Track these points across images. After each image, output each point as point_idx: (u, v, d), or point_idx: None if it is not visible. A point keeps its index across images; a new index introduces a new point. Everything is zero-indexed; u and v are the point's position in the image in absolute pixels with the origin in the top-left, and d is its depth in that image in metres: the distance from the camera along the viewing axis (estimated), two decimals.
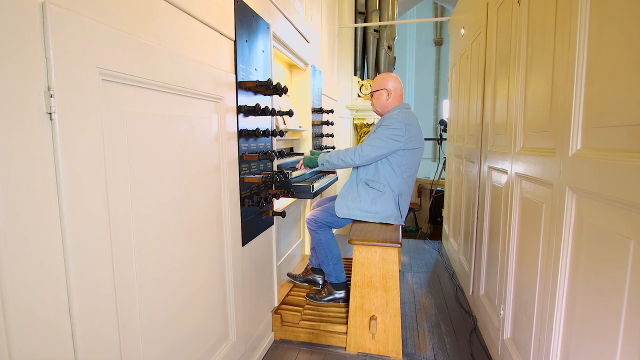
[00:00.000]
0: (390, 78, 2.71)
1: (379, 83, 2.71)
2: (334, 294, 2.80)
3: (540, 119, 1.68)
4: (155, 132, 1.30)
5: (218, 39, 1.74)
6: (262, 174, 2.14)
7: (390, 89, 2.67)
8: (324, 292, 2.84)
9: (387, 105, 2.69)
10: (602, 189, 1.15)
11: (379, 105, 2.72)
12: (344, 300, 2.78)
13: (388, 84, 2.68)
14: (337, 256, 2.76)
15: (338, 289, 2.80)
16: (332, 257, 2.74)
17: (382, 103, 2.70)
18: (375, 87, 2.73)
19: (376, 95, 2.72)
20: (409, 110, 2.64)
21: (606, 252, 1.14)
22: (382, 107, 2.72)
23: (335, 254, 2.74)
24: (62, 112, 0.91)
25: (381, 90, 2.69)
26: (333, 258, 2.74)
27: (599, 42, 1.22)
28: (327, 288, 2.83)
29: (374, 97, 2.74)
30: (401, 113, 2.54)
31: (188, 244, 1.54)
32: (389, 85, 2.68)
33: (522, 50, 1.92)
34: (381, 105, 2.71)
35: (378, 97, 2.72)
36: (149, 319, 1.29)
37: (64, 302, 0.95)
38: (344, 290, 2.80)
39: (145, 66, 1.21)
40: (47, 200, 0.90)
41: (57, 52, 0.89)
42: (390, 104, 2.69)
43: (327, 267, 2.76)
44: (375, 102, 2.75)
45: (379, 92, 2.70)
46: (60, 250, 0.94)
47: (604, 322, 1.14)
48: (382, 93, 2.69)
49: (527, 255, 1.80)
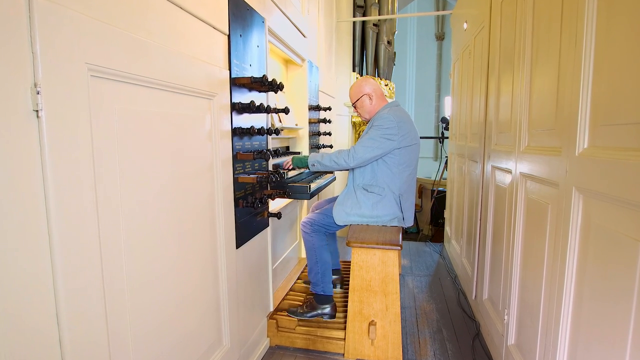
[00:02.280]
0: (365, 82, 2.72)
1: (357, 91, 2.72)
2: (317, 309, 2.68)
3: (545, 116, 1.69)
4: (146, 130, 1.30)
5: (211, 34, 1.74)
6: (257, 174, 2.14)
7: (370, 92, 2.68)
8: (306, 306, 2.72)
9: (373, 108, 2.71)
10: (610, 190, 1.15)
11: (366, 112, 2.73)
12: (330, 317, 2.67)
13: (365, 88, 2.69)
14: (327, 264, 2.69)
15: (322, 303, 2.69)
16: (322, 264, 2.68)
17: (367, 109, 2.72)
18: (355, 97, 2.73)
19: (359, 104, 2.73)
20: (398, 108, 2.66)
21: (614, 255, 1.14)
22: (369, 113, 2.73)
23: (325, 262, 2.69)
24: (50, 109, 0.90)
25: (362, 98, 2.70)
26: (322, 266, 2.68)
27: (607, 36, 1.23)
28: (311, 302, 2.72)
29: (358, 107, 2.75)
30: (391, 111, 2.55)
31: (180, 247, 1.53)
32: (367, 89, 2.69)
33: (527, 44, 1.92)
34: (368, 111, 2.73)
35: (362, 105, 2.73)
36: (139, 324, 1.29)
37: (51, 307, 0.95)
38: (329, 305, 2.68)
39: (136, 62, 1.21)
40: (33, 201, 0.90)
41: (44, 47, 0.89)
42: (375, 106, 2.70)
43: (315, 275, 2.69)
44: (362, 111, 2.76)
45: (361, 100, 2.71)
46: (48, 253, 0.93)
47: (612, 327, 1.15)
48: (364, 100, 2.70)
49: (532, 258, 1.81)
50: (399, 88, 12.07)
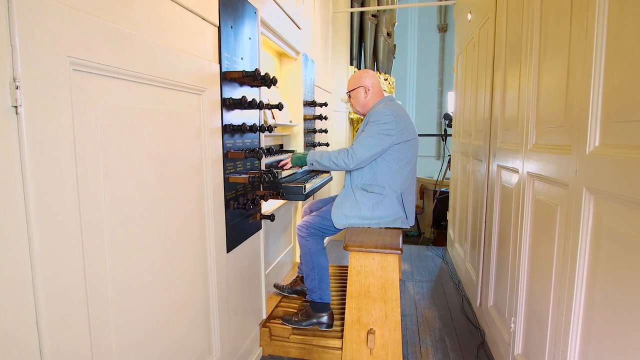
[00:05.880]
0: (366, 74, 2.77)
1: (355, 81, 2.77)
2: (313, 318, 2.65)
3: (554, 113, 1.70)
4: (132, 127, 1.29)
5: (201, 25, 1.74)
6: (249, 174, 2.14)
7: (368, 85, 2.73)
8: (301, 314, 2.68)
9: (367, 102, 2.75)
10: (623, 190, 1.16)
11: (359, 104, 2.78)
12: (328, 326, 2.64)
13: (365, 80, 2.74)
14: (324, 270, 2.69)
15: (319, 311, 2.65)
16: (319, 269, 2.67)
17: (361, 102, 2.76)
18: (352, 86, 2.79)
19: (354, 94, 2.78)
20: (394, 102, 2.70)
21: (627, 260, 1.15)
22: (362, 106, 2.78)
23: (322, 267, 2.68)
24: (30, 105, 0.90)
25: (358, 89, 2.75)
26: (319, 271, 2.67)
27: (619, 27, 1.23)
28: (306, 310, 2.69)
29: (352, 96, 2.81)
30: (387, 106, 2.59)
31: (167, 250, 1.53)
32: (366, 82, 2.74)
33: (535, 36, 1.93)
34: (361, 105, 2.77)
35: (356, 96, 2.78)
36: (124, 332, 1.29)
37: (31, 313, 0.95)
38: (327, 314, 2.66)
39: (121, 55, 1.21)
40: (12, 201, 0.89)
41: (24, 40, 0.88)
42: (369, 101, 2.75)
43: (312, 281, 2.68)
44: (354, 102, 2.81)
45: (356, 90, 2.76)
46: (27, 256, 0.93)
47: (624, 336, 1.16)
48: (359, 91, 2.75)
49: (540, 263, 1.82)
50: (399, 83, 12.10)
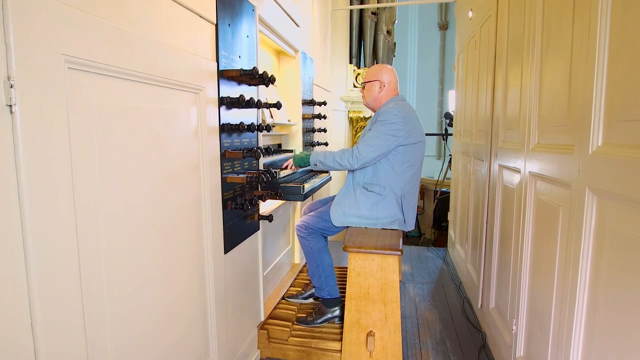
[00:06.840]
0: (386, 70, 2.76)
1: (373, 74, 2.76)
2: (327, 314, 2.76)
3: (557, 112, 1.70)
4: (128, 127, 1.29)
5: (198, 23, 1.74)
6: (247, 173, 2.14)
7: (385, 81, 2.72)
8: (314, 313, 2.79)
9: (380, 98, 2.74)
10: (626, 191, 1.16)
11: (371, 97, 2.77)
12: (340, 319, 2.74)
13: (383, 75, 2.73)
14: (329, 267, 2.75)
15: (331, 306, 2.77)
16: (324, 267, 2.73)
17: (373, 95, 2.75)
18: (369, 78, 2.78)
19: (368, 86, 2.77)
20: (404, 102, 2.69)
21: (631, 261, 1.15)
22: (373, 101, 2.77)
23: (327, 264, 2.74)
24: (24, 104, 0.90)
25: (374, 82, 2.74)
26: (325, 269, 2.73)
27: (622, 25, 1.23)
28: (319, 307, 2.80)
29: (366, 88, 2.80)
30: (396, 105, 2.58)
31: (164, 251, 1.53)
32: (384, 77, 2.73)
33: (537, 35, 1.94)
34: (373, 98, 2.76)
35: (370, 89, 2.77)
36: (120, 334, 1.29)
37: (25, 315, 0.95)
38: (338, 307, 2.77)
39: (117, 53, 1.21)
40: (6, 202, 0.89)
41: (19, 38, 0.88)
42: (382, 97, 2.74)
43: (318, 279, 2.75)
44: (367, 94, 2.80)
45: (372, 83, 2.75)
46: (22, 258, 0.93)
47: (628, 338, 1.16)
48: (374, 85, 2.74)
49: (542, 264, 1.82)
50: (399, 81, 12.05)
